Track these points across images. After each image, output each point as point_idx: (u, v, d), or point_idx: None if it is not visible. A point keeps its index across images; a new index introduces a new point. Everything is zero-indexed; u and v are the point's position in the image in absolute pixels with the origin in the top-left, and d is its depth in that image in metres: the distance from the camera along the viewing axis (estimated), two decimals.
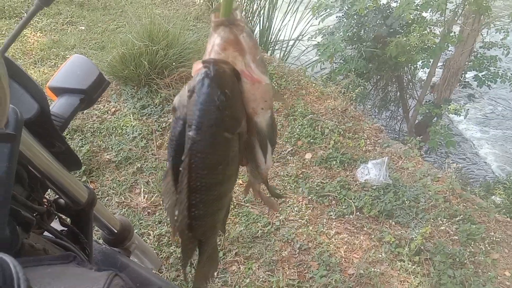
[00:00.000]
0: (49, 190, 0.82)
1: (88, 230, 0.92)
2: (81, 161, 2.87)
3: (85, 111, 3.29)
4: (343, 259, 2.41)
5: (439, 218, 2.71)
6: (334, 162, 3.10)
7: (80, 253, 0.82)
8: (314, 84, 4.01)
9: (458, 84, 5.95)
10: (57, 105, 0.88)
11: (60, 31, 4.65)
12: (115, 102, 3.46)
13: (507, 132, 7.74)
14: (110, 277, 0.54)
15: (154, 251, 2.25)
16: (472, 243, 2.57)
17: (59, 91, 0.90)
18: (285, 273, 2.30)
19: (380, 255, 2.44)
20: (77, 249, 0.81)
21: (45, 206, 0.79)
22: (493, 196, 4.35)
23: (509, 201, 4.11)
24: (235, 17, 0.56)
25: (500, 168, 6.96)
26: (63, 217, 0.87)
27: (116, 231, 1.14)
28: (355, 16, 5.52)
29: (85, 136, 3.05)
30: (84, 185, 0.91)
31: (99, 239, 1.17)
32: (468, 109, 5.35)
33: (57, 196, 0.86)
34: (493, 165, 7.07)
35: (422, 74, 6.82)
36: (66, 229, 0.86)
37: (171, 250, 2.34)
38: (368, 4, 4.49)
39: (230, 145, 0.58)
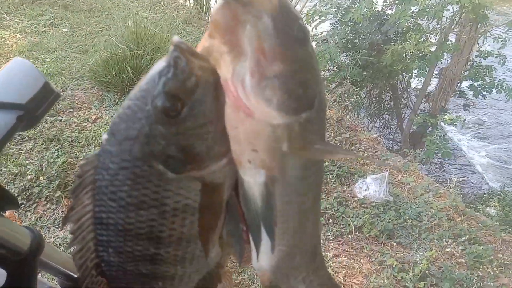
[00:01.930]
0: None
1: (31, 285, 0.70)
2: (57, 175, 2.58)
3: (63, 118, 3.05)
4: (343, 286, 2.20)
5: (443, 239, 2.52)
6: (331, 176, 2.91)
7: None
8: None
9: (453, 93, 5.83)
10: None
11: (42, 33, 4.41)
12: (97, 109, 3.23)
13: (501, 143, 7.65)
14: None
15: None
16: (480, 266, 2.39)
17: None
18: None
19: (382, 281, 2.24)
20: None
21: None
22: (488, 208, 4.24)
23: (504, 213, 3.99)
24: None
25: (493, 179, 6.84)
26: None
27: (76, 276, 0.92)
28: (349, 23, 5.37)
29: (61, 146, 2.80)
30: (25, 227, 0.70)
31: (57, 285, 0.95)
32: (465, 119, 5.23)
33: None
34: (486, 176, 6.96)
35: (416, 83, 6.69)
36: None
37: None
38: (365, 9, 4.34)
39: (167, 187, 0.42)
